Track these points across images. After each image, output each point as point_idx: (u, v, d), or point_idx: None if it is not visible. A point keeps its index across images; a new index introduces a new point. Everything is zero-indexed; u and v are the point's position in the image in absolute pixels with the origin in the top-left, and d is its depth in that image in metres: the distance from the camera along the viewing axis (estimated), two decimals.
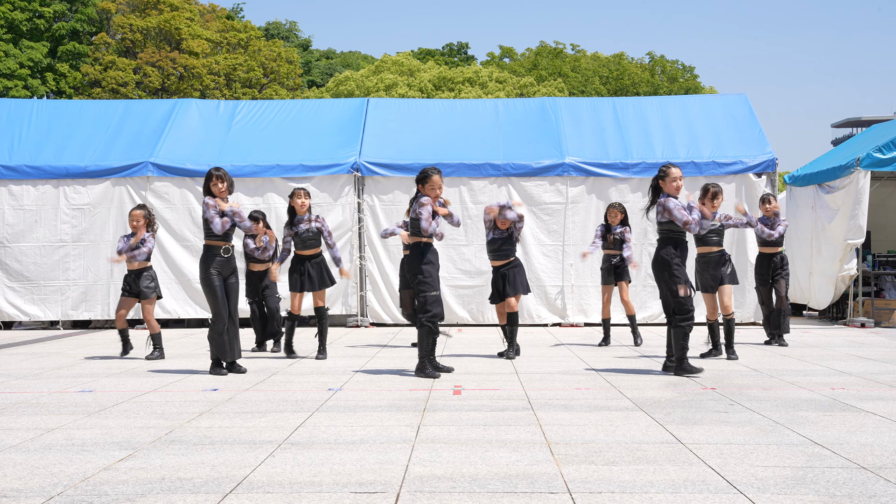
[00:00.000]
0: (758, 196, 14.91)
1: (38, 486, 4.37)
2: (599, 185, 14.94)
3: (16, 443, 5.43)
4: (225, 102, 17.10)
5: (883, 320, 14.81)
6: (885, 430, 5.67)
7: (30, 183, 15.00)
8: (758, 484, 4.33)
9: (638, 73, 56.94)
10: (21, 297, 14.92)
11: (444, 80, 44.57)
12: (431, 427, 5.82)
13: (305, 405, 6.77)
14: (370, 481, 4.41)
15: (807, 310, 17.05)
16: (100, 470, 4.70)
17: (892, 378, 8.23)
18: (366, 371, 8.94)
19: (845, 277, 14.55)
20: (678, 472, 4.58)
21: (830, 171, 15.32)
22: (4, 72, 37.02)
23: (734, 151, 15.26)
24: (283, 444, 5.33)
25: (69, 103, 17.87)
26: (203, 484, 4.39)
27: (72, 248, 14.92)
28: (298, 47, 56.40)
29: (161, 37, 39.79)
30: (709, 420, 6.05)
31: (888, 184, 16.58)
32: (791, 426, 5.81)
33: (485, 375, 8.54)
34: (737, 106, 16.59)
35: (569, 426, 5.83)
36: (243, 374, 8.67)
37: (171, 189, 14.93)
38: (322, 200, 14.81)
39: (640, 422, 5.99)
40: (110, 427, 5.92)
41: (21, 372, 9.08)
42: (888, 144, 14.53)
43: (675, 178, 8.39)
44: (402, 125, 16.16)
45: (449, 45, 64.87)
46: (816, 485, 4.32)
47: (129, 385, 8.00)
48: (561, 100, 16.96)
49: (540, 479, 4.45)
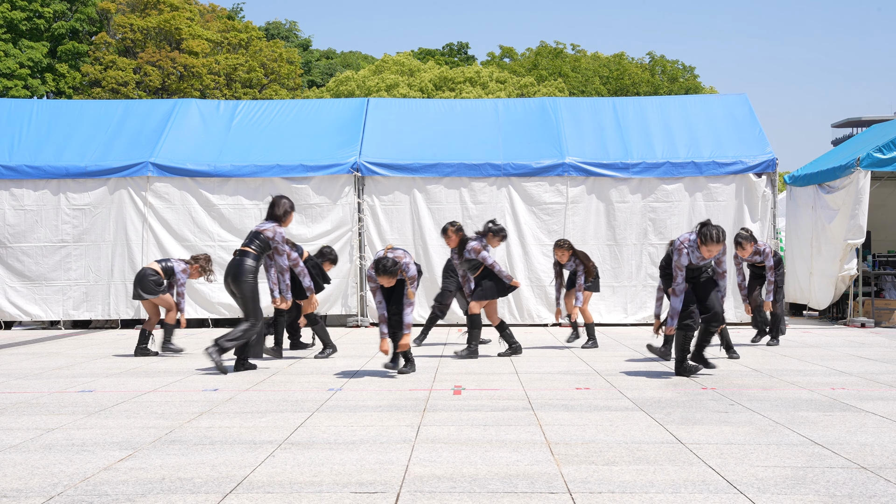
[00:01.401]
0: (759, 196, 14.94)
1: (39, 486, 4.37)
2: (600, 185, 14.94)
3: (16, 443, 5.43)
4: (225, 102, 17.09)
5: (883, 320, 14.81)
6: (886, 430, 5.67)
7: (30, 183, 15.00)
8: (758, 484, 4.33)
9: (638, 73, 56.93)
10: (22, 296, 14.93)
11: (444, 80, 44.56)
12: (431, 427, 5.82)
13: (305, 405, 6.77)
14: (370, 481, 4.41)
15: (807, 310, 17.05)
16: (100, 470, 4.70)
17: (892, 378, 8.23)
18: (366, 371, 8.94)
19: (845, 277, 14.55)
20: (678, 472, 4.58)
21: (830, 171, 15.32)
22: (4, 72, 37.00)
23: (734, 151, 15.26)
24: (284, 444, 5.33)
25: (69, 103, 17.86)
26: (203, 484, 4.39)
27: (73, 248, 14.92)
28: (299, 47, 56.40)
29: (161, 36, 39.77)
30: (709, 420, 6.05)
31: (888, 184, 16.57)
32: (791, 426, 5.81)
33: (485, 375, 8.54)
34: (737, 106, 16.59)
35: (569, 426, 5.83)
36: (247, 373, 8.69)
37: (171, 189, 14.93)
38: (322, 200, 14.82)
39: (640, 422, 5.99)
40: (110, 427, 5.92)
41: (21, 372, 9.08)
42: (888, 144, 14.53)
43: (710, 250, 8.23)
44: (402, 125, 16.16)
45: (449, 45, 64.88)
46: (816, 485, 4.31)
47: (129, 385, 8.00)
48: (561, 100, 16.96)
49: (540, 479, 4.45)
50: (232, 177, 14.99)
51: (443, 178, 15.06)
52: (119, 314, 14.96)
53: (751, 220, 14.86)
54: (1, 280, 14.93)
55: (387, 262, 8.23)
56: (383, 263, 8.22)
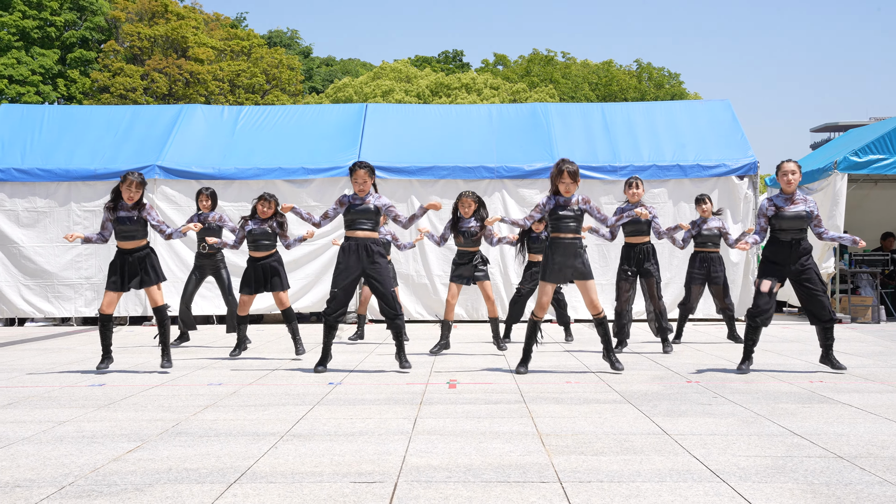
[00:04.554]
0: (741, 197, 14.96)
1: (51, 476, 4.37)
2: (589, 187, 14.94)
3: (29, 435, 5.42)
4: (229, 108, 17.07)
5: (859, 316, 14.84)
6: (861, 421, 5.68)
7: (42, 186, 14.99)
8: (740, 473, 4.34)
9: (626, 80, 56.95)
10: (35, 294, 14.91)
11: (440, 87, 44.53)
12: (428, 419, 5.82)
13: (307, 398, 6.77)
14: (369, 471, 4.41)
15: (787, 306, 17.08)
16: (109, 461, 4.69)
17: (867, 371, 8.25)
18: (365, 366, 8.94)
19: (823, 276, 14.57)
20: (664, 461, 4.59)
21: (809, 174, 15.35)
22: (17, 78, 36.94)
23: (717, 155, 15.28)
24: (286, 435, 5.33)
25: (79, 109, 17.83)
26: (208, 474, 4.39)
27: (83, 248, 14.90)
28: (300, 55, 56.32)
29: (168, 44, 39.72)
30: (693, 412, 6.06)
31: (864, 186, 16.61)
32: (771, 417, 5.82)
33: (479, 370, 8.54)
34: (720, 111, 16.61)
35: (559, 418, 5.83)
36: (250, 369, 8.69)
37: (178, 191, 14.91)
38: (322, 202, 14.80)
39: (627, 414, 6.00)
40: (119, 420, 5.91)
41: (34, 367, 9.07)
42: (864, 149, 14.57)
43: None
44: (399, 129, 16.16)
45: (445, 53, 64.82)
46: (795, 473, 4.33)
47: (137, 380, 8.00)
48: (552, 105, 16.96)
49: (532, 468, 4.45)
50: (236, 179, 14.98)
51: (438, 181, 15.06)
52: (128, 311, 14.94)
53: (733, 221, 14.88)
54: (14, 278, 14.92)
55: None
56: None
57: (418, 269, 15.09)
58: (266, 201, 9.66)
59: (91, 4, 40.30)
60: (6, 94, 36.49)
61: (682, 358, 9.45)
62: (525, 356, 8.23)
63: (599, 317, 8.12)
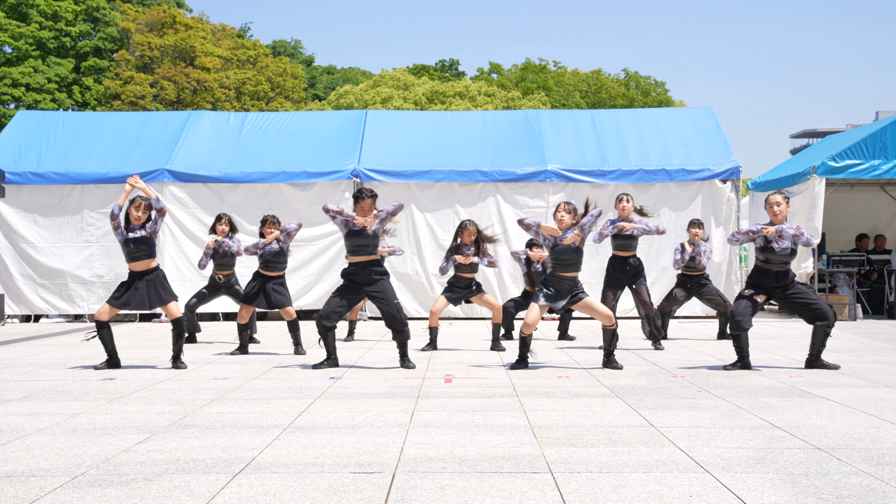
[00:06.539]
0: (724, 200, 14.97)
1: (64, 466, 4.35)
2: (579, 190, 14.93)
3: (43, 426, 5.41)
4: (235, 114, 17.05)
5: (836, 314, 14.83)
6: (838, 414, 5.68)
7: (57, 188, 14.97)
8: (723, 464, 4.33)
9: (614, 88, 56.95)
10: (50, 292, 14.91)
11: (436, 94, 44.49)
12: (424, 412, 5.82)
13: (309, 392, 6.75)
14: (368, 462, 4.40)
15: (767, 304, 17.09)
16: (120, 451, 4.68)
17: (844, 367, 8.26)
18: (364, 361, 8.93)
19: (803, 275, 14.58)
20: (650, 453, 4.58)
21: (789, 178, 15.37)
22: (34, 86, 36.91)
23: (701, 160, 15.30)
24: (289, 428, 5.32)
25: (92, 115, 17.80)
26: (215, 464, 4.38)
27: (96, 248, 14.89)
28: (303, 63, 56.26)
29: (176, 54, 39.67)
30: (678, 405, 6.06)
31: (841, 189, 16.62)
32: (753, 411, 5.82)
33: (474, 365, 8.53)
34: (704, 118, 16.62)
35: (551, 412, 5.83)
36: (254, 363, 8.67)
37: (186, 193, 14.89)
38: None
39: (615, 407, 5.99)
40: (129, 412, 5.90)
41: (48, 361, 9.04)
42: (841, 154, 14.60)
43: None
44: (397, 135, 16.15)
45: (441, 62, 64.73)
46: (776, 464, 4.32)
47: (146, 374, 7.98)
48: (544, 112, 16.96)
49: (524, 460, 4.44)
50: (241, 182, 14.97)
51: (435, 184, 15.06)
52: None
53: (715, 223, 14.89)
54: (30, 277, 14.90)
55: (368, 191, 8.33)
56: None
57: (416, 269, 15.08)
58: (271, 223, 10.01)
59: (104, 16, 40.28)
60: (23, 102, 36.44)
61: (668, 354, 9.46)
62: (521, 358, 8.17)
63: (612, 328, 8.02)
